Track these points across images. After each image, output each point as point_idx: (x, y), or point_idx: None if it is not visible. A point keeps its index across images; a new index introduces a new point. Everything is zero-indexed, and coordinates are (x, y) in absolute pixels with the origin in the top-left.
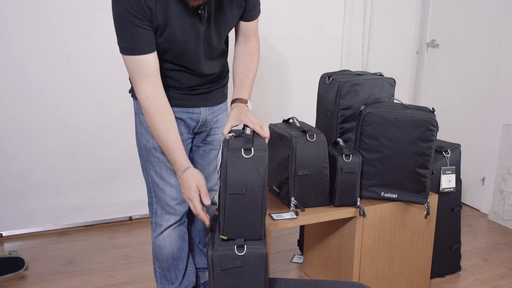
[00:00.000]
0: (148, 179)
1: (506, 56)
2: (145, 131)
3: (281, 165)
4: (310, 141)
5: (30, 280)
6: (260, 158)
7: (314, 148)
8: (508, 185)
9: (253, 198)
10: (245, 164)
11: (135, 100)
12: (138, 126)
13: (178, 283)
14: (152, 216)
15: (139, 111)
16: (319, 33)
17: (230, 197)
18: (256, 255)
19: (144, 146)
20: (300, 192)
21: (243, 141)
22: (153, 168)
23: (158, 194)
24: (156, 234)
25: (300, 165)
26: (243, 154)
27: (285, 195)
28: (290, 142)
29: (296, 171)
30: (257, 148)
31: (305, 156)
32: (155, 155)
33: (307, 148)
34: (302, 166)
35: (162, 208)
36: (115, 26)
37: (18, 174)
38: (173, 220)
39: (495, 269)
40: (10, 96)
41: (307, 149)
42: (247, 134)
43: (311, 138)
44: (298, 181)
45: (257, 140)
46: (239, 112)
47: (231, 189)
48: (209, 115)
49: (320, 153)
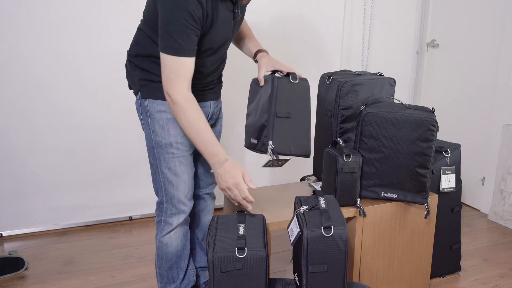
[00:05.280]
0: (160, 177)
1: (506, 56)
2: (159, 128)
3: (262, 111)
4: (293, 83)
5: (30, 280)
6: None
7: (297, 91)
8: (508, 185)
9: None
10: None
11: (147, 100)
12: (151, 124)
13: (179, 281)
14: (161, 215)
15: (152, 109)
16: (319, 33)
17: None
18: (257, 258)
19: (157, 143)
20: (278, 137)
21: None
22: (167, 164)
23: (171, 191)
24: (164, 232)
25: (281, 106)
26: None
27: (262, 143)
28: (272, 82)
29: (276, 112)
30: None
31: (287, 98)
32: (170, 151)
33: (289, 89)
34: (283, 108)
35: (173, 206)
36: (167, 25)
37: (18, 174)
38: (182, 218)
39: (495, 269)
40: (11, 96)
41: (289, 92)
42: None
43: (294, 80)
44: (277, 124)
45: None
46: (269, 59)
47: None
48: (215, 108)
49: (303, 96)
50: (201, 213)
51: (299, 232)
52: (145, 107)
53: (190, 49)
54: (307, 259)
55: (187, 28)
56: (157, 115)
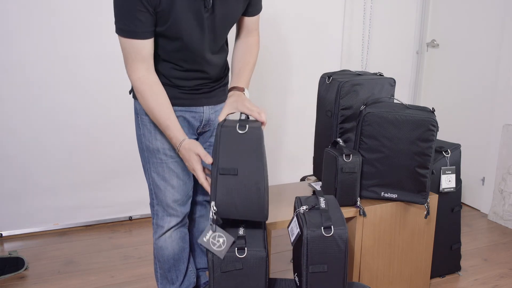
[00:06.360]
0: (150, 180)
1: (506, 56)
2: (147, 132)
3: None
4: (239, 133)
5: (30, 280)
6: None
7: (246, 142)
8: (508, 185)
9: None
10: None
11: (136, 101)
12: (140, 127)
13: (179, 283)
14: (153, 218)
15: (141, 111)
16: (319, 33)
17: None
18: (257, 258)
19: (146, 147)
20: (222, 198)
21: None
22: (155, 169)
23: (159, 196)
24: (157, 235)
25: (224, 161)
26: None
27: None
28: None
29: (218, 167)
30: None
31: (232, 151)
32: (157, 156)
33: (235, 141)
34: (227, 163)
35: (164, 209)
36: (116, 6)
37: (18, 174)
38: (174, 222)
39: (495, 269)
40: (10, 96)
41: (235, 143)
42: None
43: (241, 129)
44: (220, 182)
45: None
46: (235, 99)
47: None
48: (212, 114)
49: (253, 149)
50: (201, 219)
51: (299, 232)
52: (136, 108)
53: (141, 31)
54: (307, 259)
55: (134, 7)
56: (145, 118)
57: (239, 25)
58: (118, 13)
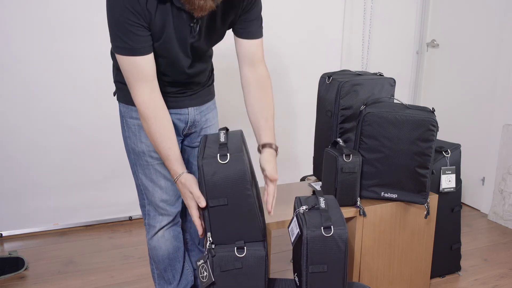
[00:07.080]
0: (138, 181)
1: (506, 56)
2: (132, 135)
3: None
4: (221, 163)
5: (30, 280)
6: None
7: (229, 172)
8: (508, 185)
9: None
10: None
11: (121, 103)
12: (126, 129)
13: (176, 283)
14: (145, 218)
15: (126, 114)
16: (319, 33)
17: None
18: (256, 257)
19: (132, 149)
20: (217, 228)
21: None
22: (142, 171)
23: (148, 196)
24: (150, 235)
25: (213, 194)
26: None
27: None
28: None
29: (207, 202)
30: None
31: (218, 184)
32: (143, 158)
33: (219, 172)
34: (216, 195)
35: (155, 209)
36: (111, 26)
37: (18, 174)
38: (166, 221)
39: (495, 269)
40: (10, 97)
41: (219, 175)
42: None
43: (222, 159)
44: (213, 215)
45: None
46: (267, 160)
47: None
48: (197, 115)
49: (237, 178)
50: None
51: (299, 232)
52: (121, 110)
53: (141, 46)
54: (307, 259)
55: (129, 25)
56: (130, 121)
57: (242, 53)
58: (114, 32)
